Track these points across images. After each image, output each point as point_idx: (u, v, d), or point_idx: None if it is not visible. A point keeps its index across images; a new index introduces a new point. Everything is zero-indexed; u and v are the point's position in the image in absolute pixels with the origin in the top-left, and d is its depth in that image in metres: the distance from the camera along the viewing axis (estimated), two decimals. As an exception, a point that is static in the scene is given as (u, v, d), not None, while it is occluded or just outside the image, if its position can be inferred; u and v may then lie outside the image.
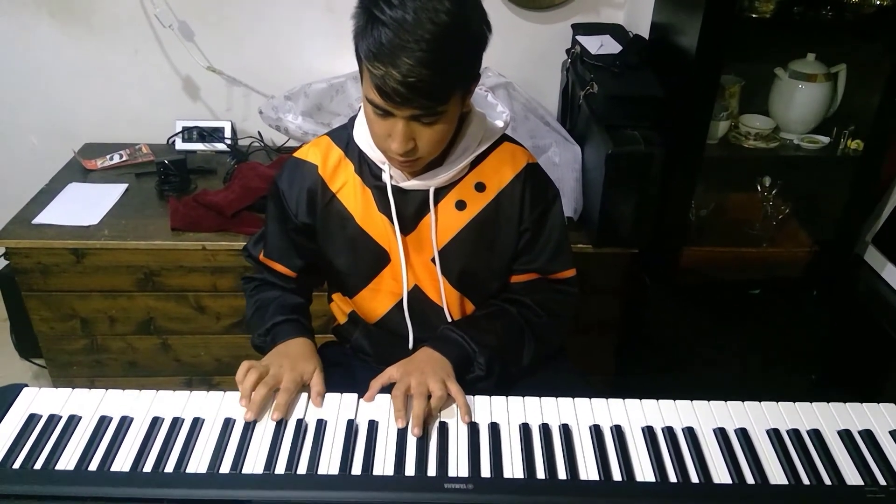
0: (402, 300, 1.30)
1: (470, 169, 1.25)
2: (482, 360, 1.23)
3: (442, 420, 1.10)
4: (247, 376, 1.13)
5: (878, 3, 1.68)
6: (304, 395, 1.15)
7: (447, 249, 1.27)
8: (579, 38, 2.03)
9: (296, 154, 1.31)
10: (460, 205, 1.25)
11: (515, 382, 1.28)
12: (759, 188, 2.00)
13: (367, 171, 1.25)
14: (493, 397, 1.14)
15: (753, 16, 1.69)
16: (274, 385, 1.13)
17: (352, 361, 1.42)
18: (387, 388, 1.16)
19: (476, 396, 1.14)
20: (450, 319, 1.32)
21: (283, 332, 1.27)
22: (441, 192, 1.25)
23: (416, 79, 1.01)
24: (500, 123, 1.28)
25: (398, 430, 1.08)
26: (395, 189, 1.23)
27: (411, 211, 1.25)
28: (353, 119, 1.28)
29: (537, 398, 1.14)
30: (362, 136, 1.23)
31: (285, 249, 1.33)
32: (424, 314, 1.32)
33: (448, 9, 1.01)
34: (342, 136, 1.29)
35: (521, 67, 2.22)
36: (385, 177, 1.22)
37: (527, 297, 1.32)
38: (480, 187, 1.26)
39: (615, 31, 2.07)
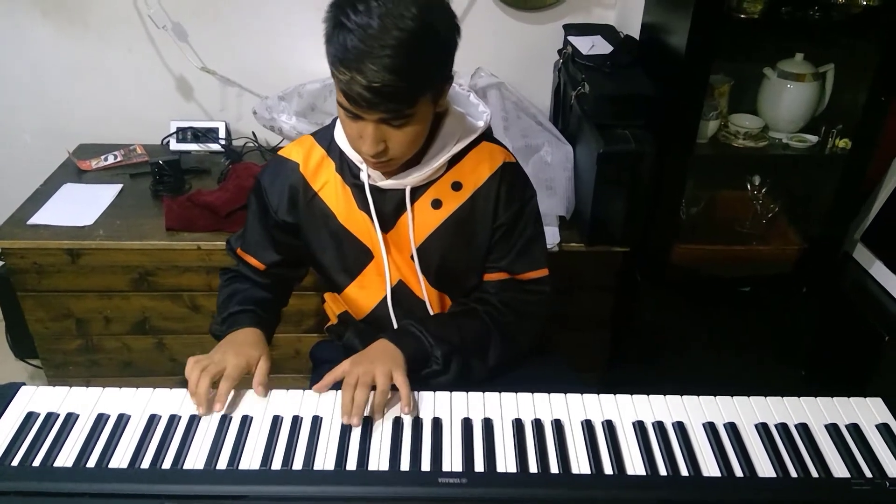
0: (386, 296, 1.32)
1: (448, 168, 1.27)
2: (439, 353, 1.24)
3: (436, 416, 1.12)
4: (192, 370, 1.14)
5: (866, 3, 1.70)
6: (300, 392, 1.16)
7: (424, 247, 1.29)
8: (571, 38, 2.05)
9: (279, 152, 1.33)
10: (436, 203, 1.27)
11: (483, 381, 1.28)
12: (748, 187, 2.02)
13: (347, 171, 1.27)
14: (486, 393, 1.16)
15: (742, 16, 1.71)
16: (217, 373, 1.14)
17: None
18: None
19: (470, 393, 1.16)
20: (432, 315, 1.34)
21: (237, 321, 1.29)
22: (418, 191, 1.26)
23: (381, 84, 1.02)
24: (480, 123, 1.29)
25: (392, 426, 1.09)
26: (374, 188, 1.25)
27: (390, 209, 1.27)
28: (335, 119, 1.29)
29: (530, 394, 1.16)
30: (342, 136, 1.24)
31: (260, 243, 1.35)
32: (410, 309, 1.33)
33: (414, 14, 1.02)
34: (325, 136, 1.31)
35: (513, 67, 2.23)
36: (363, 175, 1.24)
37: (495, 296, 1.33)
38: (457, 186, 1.27)
39: (606, 31, 2.08)
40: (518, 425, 1.10)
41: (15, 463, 1.02)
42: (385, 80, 1.02)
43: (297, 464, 1.03)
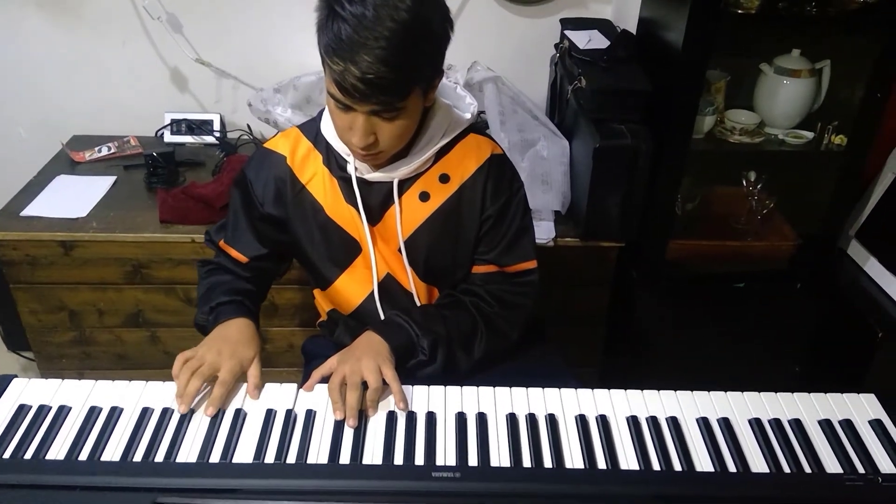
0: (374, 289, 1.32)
1: (435, 160, 1.26)
2: (425, 343, 1.23)
3: (430, 410, 1.11)
4: (182, 371, 1.12)
5: (862, -1, 1.70)
6: (293, 386, 1.16)
7: (412, 240, 1.28)
8: (567, 32, 2.04)
9: (265, 144, 1.33)
10: (424, 196, 1.27)
11: (470, 372, 1.28)
12: (744, 182, 2.02)
13: (334, 163, 1.27)
14: (480, 387, 1.16)
15: (739, 11, 1.70)
16: (210, 375, 1.13)
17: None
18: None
19: (464, 387, 1.16)
20: None
21: (225, 311, 1.27)
22: (405, 184, 1.26)
23: (375, 76, 1.02)
24: (467, 115, 1.29)
25: (386, 420, 1.09)
26: (361, 180, 1.24)
27: (377, 202, 1.26)
28: (321, 111, 1.28)
29: (524, 389, 1.16)
30: (329, 128, 1.24)
31: (243, 236, 1.34)
32: (398, 303, 1.33)
33: (408, 6, 1.02)
34: (311, 128, 1.30)
35: (509, 62, 2.23)
36: (350, 168, 1.23)
37: (482, 287, 1.33)
38: (444, 179, 1.27)
39: (603, 26, 2.08)
40: (512, 419, 1.10)
41: (6, 455, 1.01)
42: (379, 71, 1.01)
43: (291, 457, 1.03)
